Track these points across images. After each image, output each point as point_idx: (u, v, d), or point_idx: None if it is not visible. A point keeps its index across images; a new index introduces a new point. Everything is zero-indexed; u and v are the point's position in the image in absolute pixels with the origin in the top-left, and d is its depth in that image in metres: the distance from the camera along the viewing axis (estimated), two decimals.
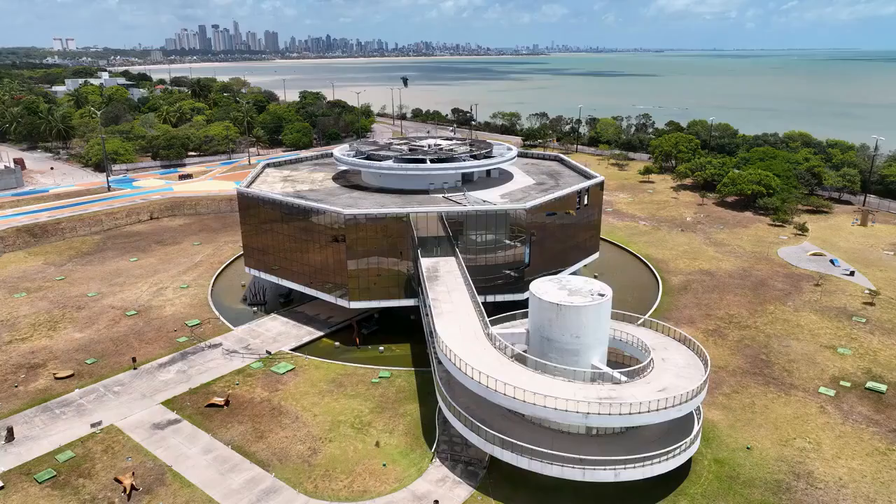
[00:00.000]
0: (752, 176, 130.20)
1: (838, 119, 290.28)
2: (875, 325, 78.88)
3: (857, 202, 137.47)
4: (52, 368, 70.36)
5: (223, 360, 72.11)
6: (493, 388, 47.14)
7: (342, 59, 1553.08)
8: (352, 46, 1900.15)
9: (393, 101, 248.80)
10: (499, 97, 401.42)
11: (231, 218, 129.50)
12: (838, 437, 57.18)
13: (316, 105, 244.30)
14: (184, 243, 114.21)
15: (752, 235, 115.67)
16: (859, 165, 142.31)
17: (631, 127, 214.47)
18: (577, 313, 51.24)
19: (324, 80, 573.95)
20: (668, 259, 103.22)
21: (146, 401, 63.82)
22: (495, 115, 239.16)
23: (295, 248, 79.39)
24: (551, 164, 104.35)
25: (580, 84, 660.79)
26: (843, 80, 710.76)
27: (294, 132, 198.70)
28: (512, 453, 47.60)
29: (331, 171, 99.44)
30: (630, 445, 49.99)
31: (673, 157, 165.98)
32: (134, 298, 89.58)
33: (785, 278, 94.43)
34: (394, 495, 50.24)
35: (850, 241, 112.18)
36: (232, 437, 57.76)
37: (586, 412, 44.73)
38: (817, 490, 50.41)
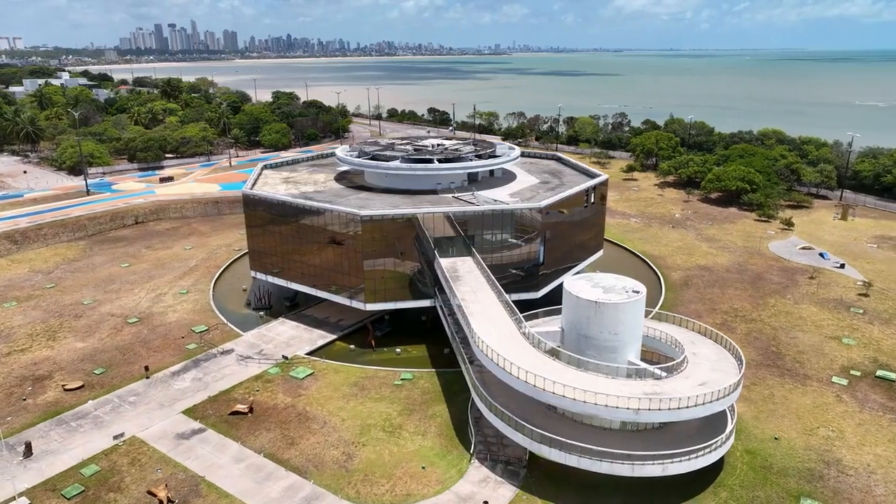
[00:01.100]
0: (735, 172, 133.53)
1: (792, 117, 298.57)
2: (873, 315, 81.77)
3: (833, 197, 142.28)
4: (60, 380, 67.83)
5: (238, 366, 70.59)
6: (540, 386, 47.27)
7: (304, 59, 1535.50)
8: (313, 46, 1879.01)
9: (369, 101, 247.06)
10: (466, 96, 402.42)
11: (220, 221, 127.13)
12: (858, 424, 59.10)
13: (291, 105, 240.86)
14: (175, 248, 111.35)
15: (741, 231, 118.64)
16: (833, 161, 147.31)
17: (607, 125, 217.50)
18: (616, 310, 51.80)
19: (290, 80, 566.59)
20: (665, 255, 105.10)
21: (165, 410, 62.04)
22: (472, 115, 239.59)
23: (306, 250, 78.23)
24: (550, 163, 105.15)
25: (545, 83, 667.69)
26: (793, 79, 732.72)
27: (272, 133, 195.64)
28: (560, 451, 47.81)
29: (331, 171, 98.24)
30: (665, 440, 50.64)
31: (654, 155, 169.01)
32: (133, 305, 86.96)
33: (780, 272, 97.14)
34: (439, 498, 49.96)
35: (833, 234, 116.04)
36: (262, 445, 56.60)
37: (636, 408, 45.25)
38: (848, 477, 52.03)
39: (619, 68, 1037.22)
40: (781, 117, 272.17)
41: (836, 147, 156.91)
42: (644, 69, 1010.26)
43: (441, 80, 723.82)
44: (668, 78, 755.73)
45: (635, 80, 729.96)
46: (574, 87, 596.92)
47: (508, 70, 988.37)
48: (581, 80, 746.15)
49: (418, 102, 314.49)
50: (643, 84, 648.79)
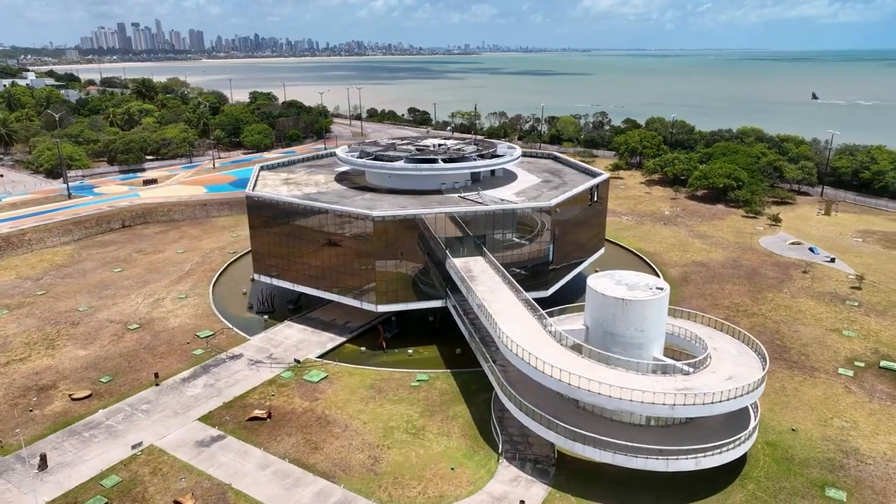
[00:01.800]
0: (722, 170, 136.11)
1: (759, 115, 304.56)
2: (868, 307, 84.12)
3: (814, 193, 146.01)
4: (66, 389, 65.90)
5: (249, 371, 69.45)
6: (575, 384, 47.49)
7: (272, 59, 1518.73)
8: (281, 46, 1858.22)
9: (349, 101, 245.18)
10: (440, 95, 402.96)
11: (210, 224, 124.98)
12: (870, 414, 60.75)
13: (271, 106, 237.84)
14: (166, 252, 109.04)
15: (730, 227, 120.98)
16: (813, 158, 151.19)
17: (588, 125, 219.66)
18: (642, 307, 52.36)
19: (263, 80, 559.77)
20: (660, 252, 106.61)
21: (181, 418, 60.72)
22: (454, 115, 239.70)
23: (314, 252, 77.30)
24: (547, 161, 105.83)
25: (517, 83, 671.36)
26: (757, 78, 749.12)
27: (254, 134, 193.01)
28: (595, 448, 48.10)
29: (329, 172, 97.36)
30: (691, 435, 51.21)
31: (639, 154, 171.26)
32: (131, 311, 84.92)
33: (774, 267, 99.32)
34: (472, 498, 49.86)
35: (819, 229, 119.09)
36: (286, 451, 55.78)
37: (672, 403, 45.79)
38: (868, 465, 53.44)
39: (588, 68, 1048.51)
40: (750, 115, 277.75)
41: (814, 144, 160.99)
42: (613, 69, 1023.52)
43: (413, 79, 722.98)
44: (637, 77, 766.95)
45: (606, 79, 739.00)
46: (546, 87, 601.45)
47: (479, 70, 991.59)
48: (553, 79, 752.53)
49: (394, 102, 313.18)
50: (614, 83, 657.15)
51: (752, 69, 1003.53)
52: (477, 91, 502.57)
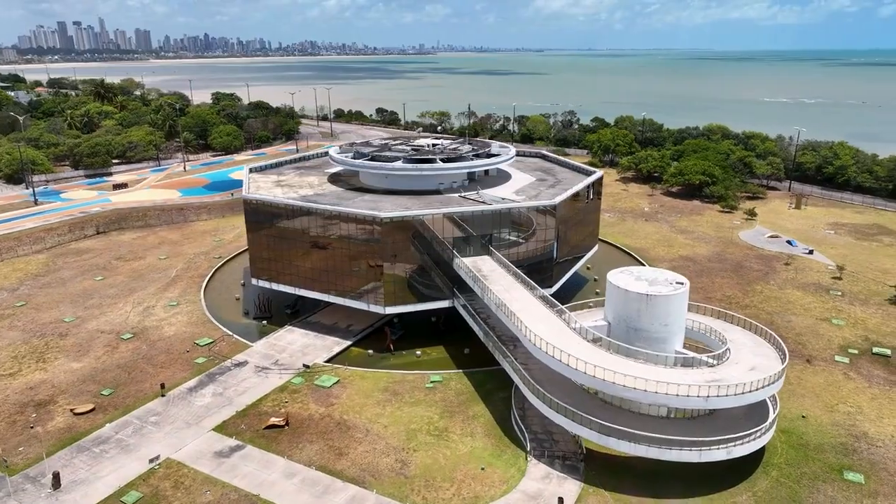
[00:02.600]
0: (696, 167, 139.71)
1: (711, 112, 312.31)
2: (851, 297, 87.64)
3: (782, 188, 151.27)
4: (66, 404, 63.11)
5: (257, 378, 67.87)
6: (610, 380, 48.03)
7: (224, 59, 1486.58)
8: (233, 46, 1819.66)
9: (317, 102, 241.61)
10: (400, 95, 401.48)
11: (189, 228, 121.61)
12: (872, 399, 63.31)
13: (237, 107, 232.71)
14: (147, 258, 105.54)
15: (709, 222, 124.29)
16: (779, 154, 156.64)
17: (557, 123, 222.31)
18: (667, 302, 53.36)
19: (218, 80, 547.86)
20: (647, 248, 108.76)
21: (194, 429, 58.88)
22: (423, 114, 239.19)
23: (318, 255, 75.98)
24: (537, 160, 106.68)
25: (476, 82, 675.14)
26: (705, 77, 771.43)
27: (223, 136, 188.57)
28: (629, 442, 48.78)
29: (320, 173, 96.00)
30: (713, 426, 52.40)
31: (611, 152, 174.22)
32: (121, 321, 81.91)
33: (757, 260, 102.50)
34: (508, 497, 49.88)
35: (793, 223, 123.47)
36: (310, 458, 54.71)
37: (707, 395, 46.78)
38: (879, 448, 55.68)
39: (543, 68, 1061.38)
40: (704, 113, 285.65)
41: (779, 141, 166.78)
42: (568, 68, 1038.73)
43: (372, 79, 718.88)
44: (592, 77, 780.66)
45: (562, 78, 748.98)
46: (505, 87, 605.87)
47: (436, 69, 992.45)
48: (510, 78, 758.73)
49: (356, 102, 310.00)
50: (570, 83, 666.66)
51: (699, 68, 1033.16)
52: (435, 90, 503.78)
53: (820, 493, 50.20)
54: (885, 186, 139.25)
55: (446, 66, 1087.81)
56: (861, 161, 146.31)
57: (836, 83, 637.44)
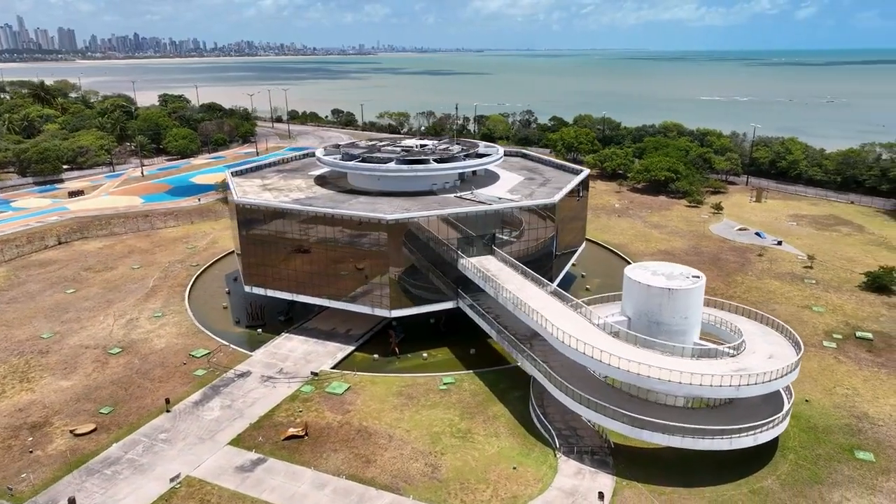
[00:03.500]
0: (662, 163, 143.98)
1: (652, 111, 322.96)
2: (825, 285, 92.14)
3: (740, 182, 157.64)
4: (63, 425, 59.58)
5: (265, 388, 65.84)
6: (645, 374, 48.92)
7: (157, 60, 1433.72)
8: (165, 46, 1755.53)
9: (270, 103, 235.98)
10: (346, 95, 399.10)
11: (158, 236, 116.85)
12: (865, 380, 66.76)
13: (188, 109, 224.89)
14: (119, 268, 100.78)
15: (679, 216, 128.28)
16: (734, 150, 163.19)
17: (516, 123, 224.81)
18: (687, 295, 54.75)
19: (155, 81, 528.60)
20: (625, 243, 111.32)
21: (209, 444, 56.62)
22: (382, 115, 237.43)
23: (318, 259, 74.25)
24: (518, 160, 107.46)
25: (421, 83, 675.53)
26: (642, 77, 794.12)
27: (178, 139, 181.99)
28: (663, 434, 49.80)
29: (304, 175, 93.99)
30: (729, 414, 53.96)
31: (574, 150, 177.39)
32: (105, 335, 77.96)
33: (731, 252, 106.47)
34: (546, 495, 50.09)
35: (757, 215, 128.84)
36: (337, 467, 53.49)
37: (738, 384, 48.25)
38: (881, 427, 58.77)
39: (486, 68, 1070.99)
40: (647, 111, 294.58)
41: (733, 137, 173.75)
42: (509, 68, 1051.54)
43: (315, 79, 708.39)
44: (534, 76, 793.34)
45: (505, 78, 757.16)
46: (449, 86, 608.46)
47: (380, 70, 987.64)
48: (454, 78, 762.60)
49: (304, 102, 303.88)
50: (514, 83, 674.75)
51: (635, 68, 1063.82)
52: (385, 90, 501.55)
53: (837, 473, 52.58)
54: (833, 179, 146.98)
55: (389, 67, 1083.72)
56: (811, 156, 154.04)
57: (763, 82, 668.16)
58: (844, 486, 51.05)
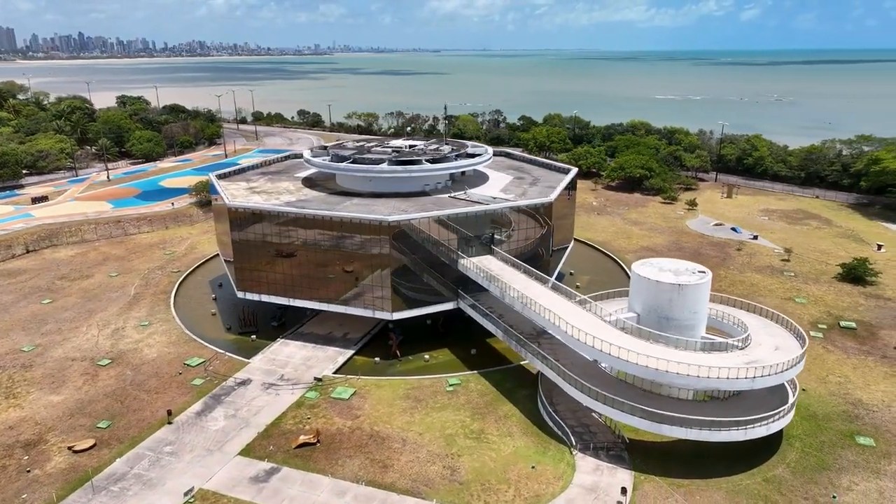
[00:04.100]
0: (636, 161, 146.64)
1: (610, 110, 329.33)
2: (804, 277, 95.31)
3: (709, 179, 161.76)
4: (60, 441, 57.05)
5: (267, 395, 64.37)
6: (664, 369, 49.64)
7: (104, 60, 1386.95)
8: (112, 45, 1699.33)
9: (235, 103, 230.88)
10: (306, 95, 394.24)
11: (132, 242, 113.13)
12: (854, 368, 69.28)
13: (150, 110, 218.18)
14: (96, 276, 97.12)
15: (656, 213, 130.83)
16: (703, 147, 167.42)
17: (485, 122, 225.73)
18: (696, 290, 55.81)
19: (106, 82, 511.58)
20: (608, 240, 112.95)
21: (218, 455, 55.02)
22: (350, 115, 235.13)
23: (318, 263, 72.93)
24: (503, 159, 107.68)
25: (381, 83, 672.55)
26: (597, 76, 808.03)
27: (143, 142, 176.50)
28: (682, 428, 50.68)
29: (290, 177, 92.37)
30: (736, 405, 55.29)
31: (547, 149, 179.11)
32: (90, 346, 75.00)
33: (711, 247, 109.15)
34: (568, 493, 50.34)
35: (729, 211, 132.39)
36: (354, 474, 52.67)
37: (753, 376, 49.42)
38: (876, 413, 61.06)
39: (444, 68, 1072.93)
40: (604, 109, 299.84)
41: (700, 135, 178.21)
42: (467, 68, 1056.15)
43: (273, 80, 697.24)
44: (492, 76, 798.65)
45: (464, 78, 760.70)
46: (410, 87, 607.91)
47: (338, 70, 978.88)
48: (414, 78, 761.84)
49: (264, 103, 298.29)
50: (474, 82, 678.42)
51: (590, 68, 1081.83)
52: (340, 90, 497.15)
53: (842, 459, 54.41)
54: (797, 174, 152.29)
55: (347, 67, 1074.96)
56: (775, 153, 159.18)
57: (714, 81, 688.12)
58: (850, 471, 52.85)
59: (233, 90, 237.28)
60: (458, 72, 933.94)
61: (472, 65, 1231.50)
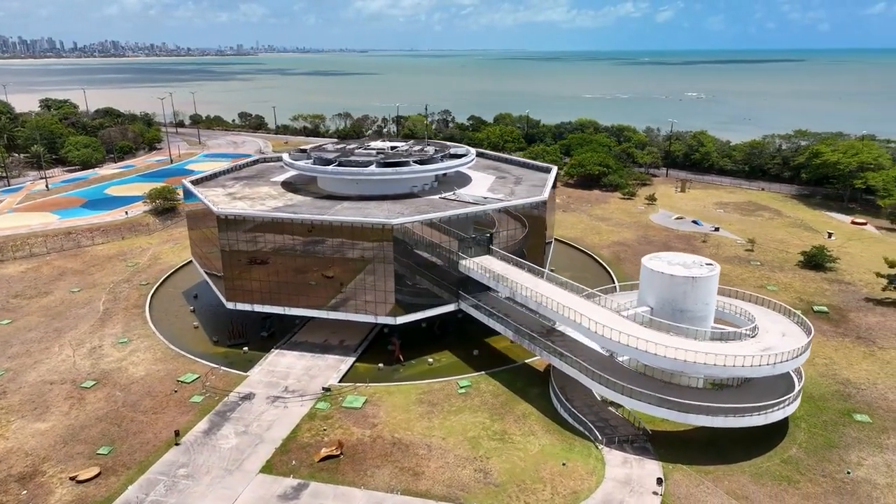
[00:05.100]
0: (594, 158, 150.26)
1: (546, 109, 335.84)
2: (769, 266, 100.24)
3: (660, 174, 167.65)
4: (59, 472, 52.94)
5: (276, 409, 61.96)
6: (692, 360, 51.04)
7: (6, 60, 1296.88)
8: (14, 45, 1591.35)
9: (173, 106, 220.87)
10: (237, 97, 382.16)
11: (88, 254, 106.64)
12: (835, 350, 73.40)
13: (82, 114, 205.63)
14: (55, 292, 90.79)
15: (618, 209, 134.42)
16: (653, 144, 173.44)
17: (434, 122, 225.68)
18: (708, 283, 57.68)
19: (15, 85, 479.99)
20: (580, 237, 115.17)
21: (238, 475, 52.50)
22: (296, 118, 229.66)
23: (314, 270, 70.71)
24: (479, 159, 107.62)
25: (314, 83, 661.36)
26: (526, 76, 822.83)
27: (80, 147, 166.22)
28: (707, 416, 52.29)
29: (266, 182, 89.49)
30: (746, 392, 57.55)
31: (501, 148, 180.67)
32: (67, 368, 70.01)
33: (678, 239, 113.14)
34: (604, 487, 50.92)
35: (686, 204, 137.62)
36: (387, 483, 51.44)
37: (774, 362, 51.51)
38: (865, 390, 64.91)
39: (373, 68, 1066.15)
40: (544, 109, 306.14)
41: (648, 132, 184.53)
42: (397, 68, 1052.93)
43: (199, 81, 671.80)
44: (423, 76, 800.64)
45: (395, 78, 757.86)
46: (342, 87, 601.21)
47: (266, 71, 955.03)
48: (345, 79, 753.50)
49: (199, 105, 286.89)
50: (407, 83, 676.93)
51: (517, 68, 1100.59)
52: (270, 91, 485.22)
53: (846, 436, 57.51)
54: (742, 168, 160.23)
55: (276, 68, 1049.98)
56: (720, 148, 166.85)
57: (637, 80, 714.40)
58: (857, 448, 55.94)
59: (171, 92, 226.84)
60: (388, 72, 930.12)
61: (401, 65, 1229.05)
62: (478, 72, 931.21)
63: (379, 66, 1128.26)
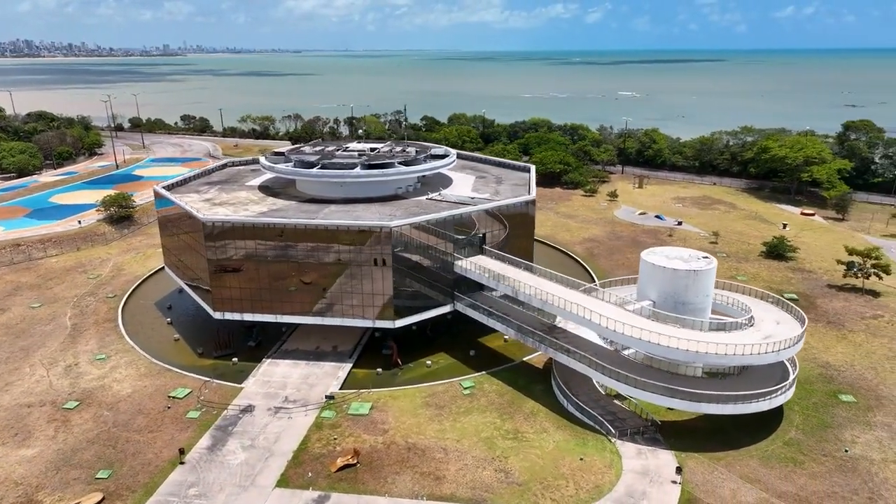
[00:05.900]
0: (555, 156, 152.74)
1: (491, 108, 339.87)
2: (735, 257, 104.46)
3: (616, 171, 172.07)
4: (56, 501, 49.57)
5: (279, 420, 60.07)
6: (704, 351, 52.58)
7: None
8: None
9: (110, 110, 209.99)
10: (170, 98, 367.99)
11: (42, 267, 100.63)
12: (811, 334, 76.81)
13: (11, 118, 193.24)
14: (13, 309, 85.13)
15: (582, 206, 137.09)
16: (609, 143, 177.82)
17: (387, 122, 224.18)
18: (708, 276, 59.52)
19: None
20: (551, 234, 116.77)
21: (254, 490, 50.60)
22: (244, 119, 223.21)
23: (310, 276, 68.80)
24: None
25: (250, 84, 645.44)
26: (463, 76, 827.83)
27: (15, 154, 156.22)
28: (717, 404, 54.00)
29: (243, 186, 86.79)
30: (744, 380, 59.69)
31: (461, 148, 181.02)
32: (43, 389, 65.75)
33: (645, 234, 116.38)
34: (624, 479, 51.78)
35: (646, 200, 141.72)
36: (411, 490, 50.71)
37: (778, 350, 53.70)
38: (844, 371, 68.50)
39: (309, 68, 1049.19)
40: (491, 109, 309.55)
41: (601, 130, 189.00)
42: (333, 69, 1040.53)
43: (127, 82, 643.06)
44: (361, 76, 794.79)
45: (334, 79, 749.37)
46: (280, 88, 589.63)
47: (197, 71, 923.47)
48: (281, 80, 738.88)
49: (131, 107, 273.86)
50: (345, 83, 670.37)
51: (453, 67, 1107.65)
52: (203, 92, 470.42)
53: (837, 416, 60.57)
54: (692, 164, 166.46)
55: (206, 68, 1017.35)
56: (671, 145, 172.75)
57: (572, 80, 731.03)
58: (848, 427, 59.02)
59: (110, 94, 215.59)
60: (325, 72, 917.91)
61: (337, 65, 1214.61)
62: (414, 72, 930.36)
63: (315, 67, 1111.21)
